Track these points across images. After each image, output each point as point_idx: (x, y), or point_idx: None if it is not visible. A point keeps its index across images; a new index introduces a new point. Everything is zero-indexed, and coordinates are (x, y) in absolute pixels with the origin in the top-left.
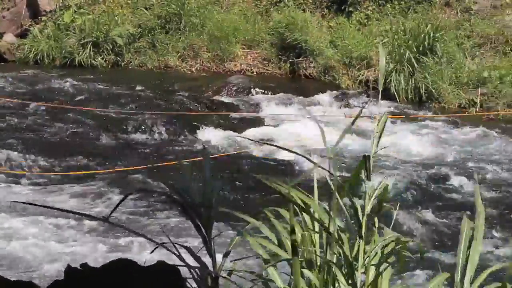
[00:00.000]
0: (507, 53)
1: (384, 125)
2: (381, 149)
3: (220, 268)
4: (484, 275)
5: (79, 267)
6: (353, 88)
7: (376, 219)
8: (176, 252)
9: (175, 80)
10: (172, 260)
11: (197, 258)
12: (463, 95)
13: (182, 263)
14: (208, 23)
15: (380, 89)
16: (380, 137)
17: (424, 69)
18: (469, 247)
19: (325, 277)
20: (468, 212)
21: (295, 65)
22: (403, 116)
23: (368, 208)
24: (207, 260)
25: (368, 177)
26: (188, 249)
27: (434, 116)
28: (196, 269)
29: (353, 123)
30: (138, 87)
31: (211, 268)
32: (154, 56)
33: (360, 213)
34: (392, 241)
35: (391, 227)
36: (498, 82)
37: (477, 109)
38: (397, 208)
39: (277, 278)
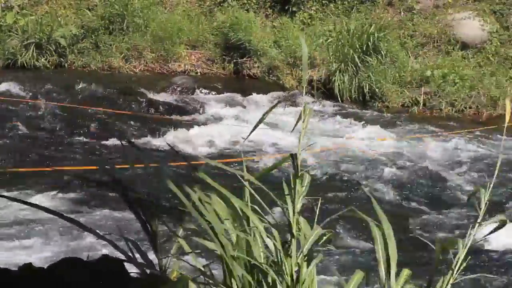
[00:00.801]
0: (450, 52)
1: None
2: (309, 145)
3: (165, 263)
4: (406, 271)
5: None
6: (297, 88)
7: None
8: (125, 247)
9: (119, 80)
10: (119, 255)
11: (143, 253)
12: (407, 94)
13: (128, 258)
14: (151, 23)
15: (304, 85)
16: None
17: (368, 69)
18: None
19: (256, 276)
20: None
21: (239, 65)
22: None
23: (298, 206)
24: (153, 255)
25: (297, 175)
26: (134, 244)
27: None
28: (141, 264)
29: (263, 118)
30: (80, 87)
31: (156, 262)
32: (97, 57)
33: (290, 211)
34: (321, 235)
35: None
36: (441, 81)
37: (420, 108)
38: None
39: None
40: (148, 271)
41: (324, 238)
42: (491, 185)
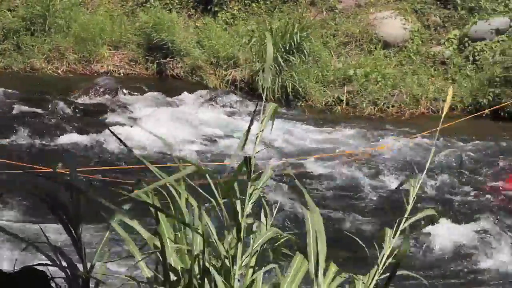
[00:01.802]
0: (372, 51)
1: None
2: (263, 149)
3: (90, 269)
4: (334, 268)
5: None
6: (220, 88)
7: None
8: (50, 254)
9: (41, 82)
10: (44, 261)
11: (68, 260)
12: (330, 93)
13: (52, 265)
14: (73, 24)
15: (267, 85)
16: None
17: (291, 68)
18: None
19: (200, 279)
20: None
21: (162, 66)
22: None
23: (247, 209)
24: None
25: (249, 178)
26: (59, 250)
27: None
28: (66, 271)
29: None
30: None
31: (81, 269)
32: (19, 58)
33: (239, 214)
34: (272, 237)
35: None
36: (364, 79)
37: (343, 107)
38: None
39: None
40: (72, 276)
41: (281, 240)
42: (420, 181)
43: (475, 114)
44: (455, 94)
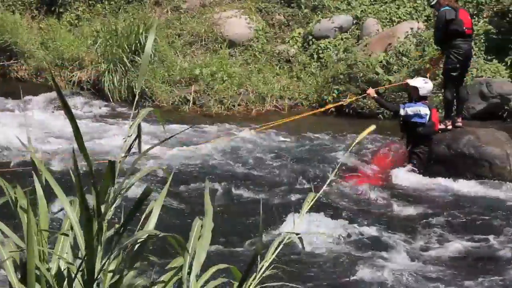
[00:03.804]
0: (217, 50)
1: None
2: (131, 154)
3: None
4: (210, 272)
5: None
6: (66, 89)
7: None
8: None
9: None
10: None
11: None
12: (176, 93)
13: None
14: None
15: (138, 91)
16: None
17: (137, 69)
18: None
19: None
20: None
21: (6, 68)
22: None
23: (109, 213)
24: None
25: (113, 183)
26: None
27: None
28: None
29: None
30: None
31: None
32: None
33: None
34: (137, 239)
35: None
36: (210, 79)
37: (190, 106)
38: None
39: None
40: None
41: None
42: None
43: (315, 111)
44: (300, 91)
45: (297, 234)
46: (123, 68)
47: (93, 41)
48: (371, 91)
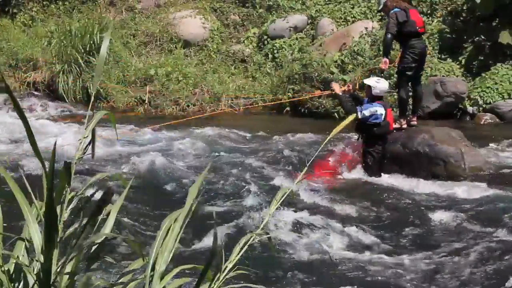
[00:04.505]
0: (172, 51)
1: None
2: (86, 155)
3: None
4: (174, 272)
5: None
6: (21, 90)
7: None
8: None
9: None
10: None
11: None
12: (132, 94)
13: None
14: None
15: (94, 91)
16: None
17: (91, 69)
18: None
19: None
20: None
21: None
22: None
23: (65, 215)
24: None
25: (69, 184)
26: None
27: None
28: None
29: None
30: None
31: None
32: None
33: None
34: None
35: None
36: (165, 79)
37: (146, 107)
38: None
39: None
40: None
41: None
42: None
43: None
44: (255, 91)
45: (263, 234)
46: (77, 69)
47: (47, 41)
48: (336, 87)
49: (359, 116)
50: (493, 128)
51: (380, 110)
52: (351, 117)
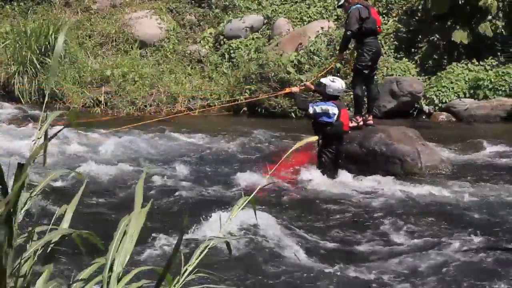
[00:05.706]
0: (128, 51)
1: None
2: (39, 156)
3: None
4: (134, 272)
5: None
6: None
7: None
8: None
9: None
10: None
11: None
12: (88, 94)
13: None
14: None
15: (47, 92)
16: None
17: (47, 70)
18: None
19: None
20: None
21: None
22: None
23: (20, 216)
24: None
25: (23, 186)
26: None
27: None
28: None
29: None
30: None
31: None
32: None
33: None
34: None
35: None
36: (121, 80)
37: (102, 108)
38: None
39: None
40: None
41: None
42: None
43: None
44: (212, 91)
45: (222, 238)
46: (33, 70)
47: (2, 42)
48: (294, 88)
49: (310, 112)
50: (449, 127)
51: (332, 109)
52: (313, 138)
